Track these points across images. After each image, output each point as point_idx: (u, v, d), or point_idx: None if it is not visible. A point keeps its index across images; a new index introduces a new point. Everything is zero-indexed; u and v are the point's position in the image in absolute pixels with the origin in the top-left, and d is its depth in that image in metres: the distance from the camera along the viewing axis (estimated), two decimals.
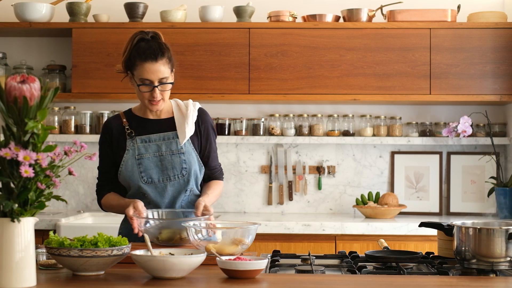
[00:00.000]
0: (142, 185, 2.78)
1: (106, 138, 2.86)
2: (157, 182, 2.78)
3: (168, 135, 2.81)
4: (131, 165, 2.79)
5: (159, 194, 2.78)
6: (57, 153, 1.87)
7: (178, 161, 2.78)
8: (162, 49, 2.71)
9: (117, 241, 2.08)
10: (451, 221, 2.41)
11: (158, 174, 2.78)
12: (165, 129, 2.82)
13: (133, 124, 2.84)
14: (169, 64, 2.73)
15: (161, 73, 2.70)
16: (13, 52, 4.53)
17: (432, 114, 4.50)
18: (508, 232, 2.13)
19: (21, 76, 1.83)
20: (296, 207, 4.50)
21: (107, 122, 2.89)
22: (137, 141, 2.80)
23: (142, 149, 2.79)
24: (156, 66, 2.69)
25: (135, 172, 2.78)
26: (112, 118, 2.90)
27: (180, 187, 2.79)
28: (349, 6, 4.30)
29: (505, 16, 4.22)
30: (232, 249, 2.23)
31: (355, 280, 2.09)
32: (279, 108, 4.51)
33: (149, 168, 2.78)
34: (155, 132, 2.82)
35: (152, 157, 2.79)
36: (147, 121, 2.85)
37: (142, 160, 2.78)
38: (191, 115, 2.82)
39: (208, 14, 4.21)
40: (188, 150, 2.80)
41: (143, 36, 2.73)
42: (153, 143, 2.80)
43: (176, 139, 2.80)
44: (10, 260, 1.80)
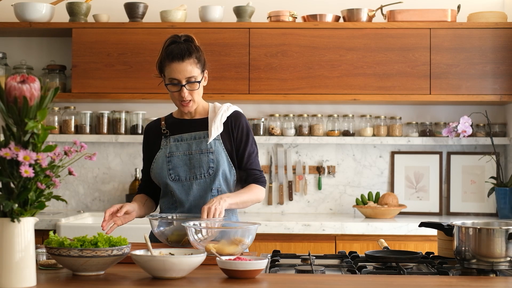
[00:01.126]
0: (170, 182, 2.82)
1: (145, 141, 2.95)
2: (184, 180, 2.81)
3: (200, 134, 2.84)
4: (161, 163, 2.84)
5: (185, 192, 2.80)
6: (57, 153, 1.87)
7: (205, 160, 2.80)
8: (190, 50, 2.77)
9: (117, 241, 2.08)
10: (451, 221, 2.41)
11: (186, 172, 2.81)
12: (197, 129, 2.86)
13: (169, 125, 2.91)
14: (198, 64, 2.79)
15: (188, 72, 2.75)
16: (13, 52, 4.53)
17: (432, 114, 4.50)
18: (508, 232, 2.13)
19: (21, 76, 1.83)
20: (296, 207, 4.50)
21: (147, 126, 2.99)
22: (170, 140, 2.86)
23: (174, 147, 2.84)
24: (183, 65, 2.75)
25: (164, 169, 2.82)
26: (152, 121, 2.99)
27: (206, 186, 2.80)
28: (349, 6, 4.30)
29: (505, 16, 4.22)
30: (232, 249, 2.23)
31: (355, 280, 2.09)
32: (279, 108, 4.51)
33: (178, 166, 2.82)
34: (188, 131, 2.86)
35: (182, 155, 2.83)
36: (181, 121, 2.90)
37: (172, 158, 2.83)
38: (220, 115, 2.84)
39: (208, 14, 4.21)
40: (218, 150, 2.82)
41: (175, 39, 2.82)
42: (185, 142, 2.84)
43: (207, 138, 2.82)
44: (10, 260, 1.80)
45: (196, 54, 2.79)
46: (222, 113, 2.86)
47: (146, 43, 4.18)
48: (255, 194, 2.83)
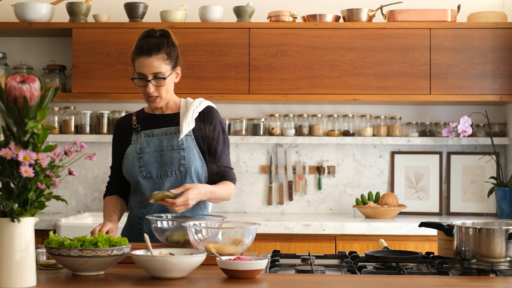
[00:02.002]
0: (141, 180, 2.77)
1: (116, 136, 2.91)
2: (155, 178, 2.77)
3: (171, 130, 2.81)
4: (132, 159, 2.80)
5: (156, 190, 2.75)
6: (57, 153, 1.87)
7: (177, 157, 2.76)
8: (160, 45, 2.73)
9: (117, 241, 2.07)
10: (451, 221, 2.41)
11: (157, 169, 2.77)
12: (169, 124, 2.82)
13: (141, 120, 2.87)
14: (167, 60, 2.75)
15: (154, 68, 2.71)
16: (13, 52, 4.53)
17: (432, 114, 4.50)
18: (508, 232, 2.13)
19: (21, 76, 1.83)
20: (296, 207, 4.50)
21: (118, 120, 2.96)
22: (141, 136, 2.82)
23: (145, 143, 2.80)
24: (150, 60, 2.71)
25: (135, 166, 2.79)
26: (123, 116, 2.96)
27: (177, 183, 2.75)
28: (349, 6, 4.30)
29: (505, 16, 4.22)
30: (232, 249, 2.23)
31: (355, 280, 2.09)
32: (279, 108, 4.51)
33: (149, 163, 2.78)
34: (159, 126, 2.82)
35: (153, 151, 2.79)
36: (153, 116, 2.86)
37: (143, 155, 2.79)
38: (192, 110, 2.81)
39: (208, 14, 4.21)
40: (190, 146, 2.78)
41: (150, 33, 2.78)
42: (156, 138, 2.80)
43: (178, 134, 2.78)
44: (10, 260, 1.80)
45: (167, 50, 2.75)
46: (194, 109, 2.81)
47: None
48: (228, 192, 2.80)
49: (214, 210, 4.49)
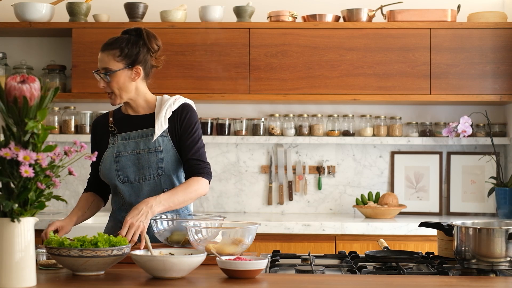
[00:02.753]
0: (118, 184, 2.74)
1: (93, 137, 2.87)
2: (133, 181, 2.73)
3: (147, 131, 2.75)
4: (109, 163, 2.75)
5: (135, 194, 2.73)
6: (57, 153, 1.87)
7: (154, 159, 2.71)
8: (117, 43, 2.72)
9: (117, 241, 2.08)
10: (451, 221, 2.41)
11: (135, 173, 2.73)
12: (144, 126, 2.77)
13: (117, 121, 2.82)
14: (119, 57, 2.70)
15: (104, 63, 2.71)
16: (13, 52, 4.53)
17: (432, 114, 4.50)
18: (508, 232, 2.13)
19: (21, 76, 1.83)
20: (296, 207, 4.50)
21: (94, 121, 2.91)
22: (118, 139, 2.77)
23: (121, 146, 2.75)
24: (101, 55, 2.72)
25: (112, 170, 2.75)
26: (100, 116, 2.91)
27: (156, 187, 2.72)
28: (349, 6, 4.30)
29: (505, 16, 4.22)
30: (232, 249, 2.23)
31: (355, 280, 2.09)
32: (279, 108, 4.51)
33: (126, 167, 2.74)
34: (134, 128, 2.77)
35: (130, 155, 2.74)
36: (128, 117, 2.81)
37: (120, 158, 2.74)
38: (164, 110, 2.73)
39: (208, 14, 4.21)
40: (167, 147, 2.72)
41: (126, 30, 2.79)
42: (132, 140, 2.75)
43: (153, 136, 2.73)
44: (10, 260, 1.80)
45: (122, 46, 2.71)
46: (167, 108, 2.74)
47: None
48: (194, 192, 2.64)
49: (214, 210, 4.49)
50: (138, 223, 2.47)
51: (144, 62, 2.76)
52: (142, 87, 2.78)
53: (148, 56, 2.78)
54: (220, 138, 4.38)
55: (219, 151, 4.51)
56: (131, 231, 2.46)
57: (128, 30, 2.79)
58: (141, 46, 2.75)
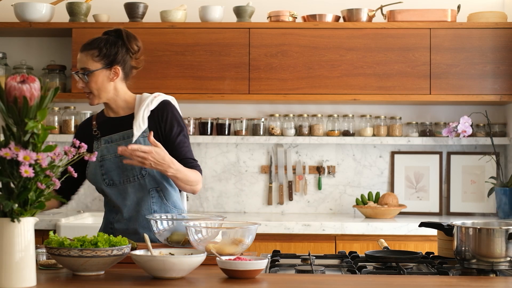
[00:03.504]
0: (105, 187, 2.74)
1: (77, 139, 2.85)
2: (118, 184, 2.73)
3: (128, 133, 2.74)
4: (94, 168, 2.75)
5: (121, 197, 2.74)
6: (57, 153, 1.87)
7: None
8: (95, 43, 2.73)
9: (117, 241, 2.07)
10: (451, 221, 2.41)
11: (119, 176, 2.72)
12: (125, 127, 2.76)
13: (100, 125, 2.82)
14: (98, 57, 2.71)
15: (82, 63, 2.71)
16: (13, 52, 4.53)
17: (432, 114, 4.50)
18: (508, 232, 2.13)
19: (21, 76, 1.83)
20: (296, 207, 4.50)
21: (79, 126, 2.92)
22: (101, 142, 2.78)
23: (105, 150, 2.74)
24: (80, 55, 2.73)
25: (97, 175, 2.75)
26: (84, 121, 2.91)
27: (141, 188, 2.72)
28: (349, 6, 4.30)
29: (505, 16, 4.22)
30: (232, 249, 2.23)
31: (355, 280, 2.09)
32: (279, 108, 4.51)
33: (111, 170, 2.73)
34: (116, 131, 2.76)
35: (114, 158, 2.73)
36: (109, 120, 2.81)
37: (104, 162, 2.74)
38: (142, 111, 2.72)
39: (208, 14, 4.21)
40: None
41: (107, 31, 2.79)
42: (115, 143, 2.75)
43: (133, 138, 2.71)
44: (10, 260, 1.80)
45: (101, 46, 2.72)
46: (145, 108, 2.72)
47: (146, 43, 4.15)
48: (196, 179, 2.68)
49: (214, 210, 4.49)
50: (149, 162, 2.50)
51: (123, 63, 2.75)
52: (121, 88, 2.77)
53: (128, 57, 2.77)
54: (220, 138, 4.38)
55: (219, 151, 4.51)
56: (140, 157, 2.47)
57: (108, 31, 2.79)
58: (120, 46, 2.75)
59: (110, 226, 2.79)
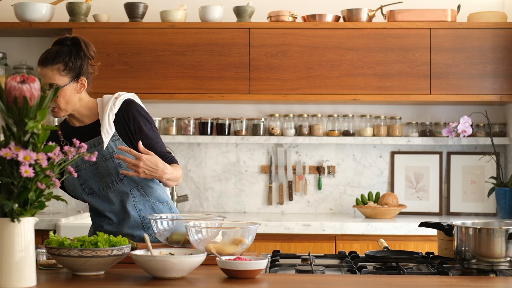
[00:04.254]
0: (86, 197, 2.74)
1: None
2: (98, 191, 2.72)
3: (97, 140, 2.71)
4: (71, 179, 2.73)
5: (105, 203, 2.73)
6: (57, 153, 1.87)
7: (112, 165, 2.69)
8: (57, 56, 2.66)
9: (117, 241, 2.07)
10: (451, 221, 2.41)
11: (97, 183, 2.72)
12: (92, 135, 2.73)
13: (67, 135, 2.79)
14: (64, 71, 2.65)
15: (48, 78, 2.63)
16: (13, 52, 4.53)
17: (432, 114, 4.50)
18: (508, 232, 2.13)
19: (21, 76, 1.83)
20: (296, 207, 4.50)
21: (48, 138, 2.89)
22: None
23: (79, 160, 2.68)
24: (43, 71, 2.65)
25: (76, 186, 2.74)
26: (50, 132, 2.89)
27: (122, 191, 2.72)
28: (349, 6, 4.30)
29: (505, 16, 4.22)
30: (232, 249, 2.23)
31: (355, 280, 2.09)
32: (279, 108, 4.51)
33: (88, 179, 2.72)
34: (84, 140, 2.69)
35: (89, 166, 2.72)
36: (75, 129, 2.78)
37: (80, 172, 2.72)
38: (106, 116, 2.69)
39: (208, 14, 4.21)
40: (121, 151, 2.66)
41: (60, 40, 2.72)
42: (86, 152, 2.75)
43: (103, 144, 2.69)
44: (10, 260, 1.80)
45: (66, 60, 2.66)
46: (109, 113, 2.69)
47: (146, 43, 4.18)
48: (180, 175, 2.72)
49: (214, 210, 4.49)
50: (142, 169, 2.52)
51: (87, 73, 2.72)
52: (84, 96, 2.74)
53: (89, 66, 2.74)
54: (220, 138, 4.38)
55: (219, 151, 4.51)
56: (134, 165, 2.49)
57: (61, 40, 2.71)
58: (82, 57, 2.71)
59: (99, 229, 2.78)
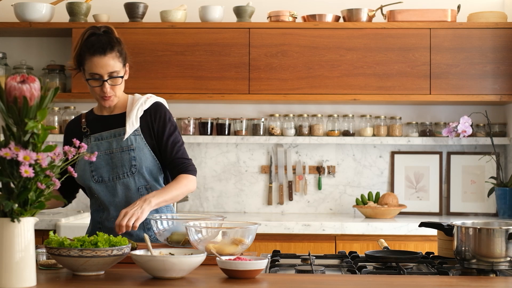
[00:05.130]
0: (93, 184, 2.74)
1: (65, 140, 2.85)
2: (107, 181, 2.73)
3: (119, 131, 2.75)
4: (83, 165, 2.75)
5: (110, 194, 2.74)
6: (57, 153, 1.87)
7: (127, 158, 2.71)
8: (112, 43, 2.67)
9: (117, 241, 2.07)
10: (451, 221, 2.41)
11: (108, 173, 2.73)
12: (116, 125, 2.76)
13: (90, 122, 2.82)
14: (120, 58, 2.68)
15: (111, 67, 2.65)
16: (13, 52, 4.53)
17: (432, 114, 4.50)
18: (508, 232, 2.13)
19: (21, 76, 1.83)
20: (296, 207, 4.50)
21: (67, 125, 2.90)
22: (91, 140, 2.77)
23: (95, 147, 2.74)
24: (105, 60, 2.65)
25: (86, 171, 2.74)
26: (73, 120, 2.90)
27: (130, 185, 2.73)
28: (349, 6, 4.30)
29: (505, 16, 4.22)
30: (232, 249, 2.23)
31: (355, 280, 2.09)
32: (279, 108, 4.51)
33: (100, 167, 2.73)
34: (107, 129, 2.76)
35: (103, 155, 2.73)
36: (101, 118, 2.81)
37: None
38: (136, 110, 2.73)
39: (208, 14, 4.21)
40: (140, 146, 2.72)
41: (94, 30, 2.70)
42: (105, 141, 2.75)
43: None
44: (10, 260, 1.80)
45: (118, 48, 2.68)
46: (138, 107, 2.73)
47: (146, 43, 4.18)
48: (185, 186, 2.69)
49: (214, 210, 4.50)
50: (133, 211, 2.51)
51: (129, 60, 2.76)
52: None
53: None
54: (220, 138, 4.38)
55: (219, 151, 4.51)
56: (125, 218, 2.48)
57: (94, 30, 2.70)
58: (123, 44, 2.73)
59: (98, 226, 2.78)
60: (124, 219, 2.49)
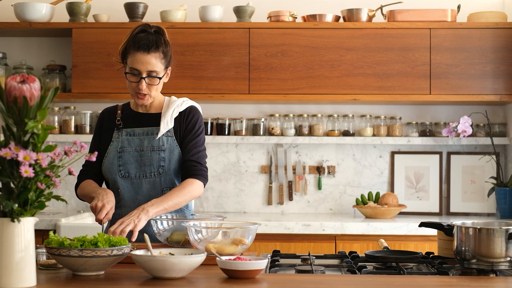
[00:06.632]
0: (119, 179, 2.74)
1: (99, 125, 2.87)
2: (134, 178, 2.74)
3: (152, 130, 2.77)
4: (112, 157, 2.76)
5: (134, 190, 2.74)
6: (57, 153, 1.87)
7: (156, 158, 2.73)
8: (158, 43, 2.68)
9: (117, 241, 2.08)
10: (451, 221, 2.41)
11: (136, 170, 2.74)
12: (150, 124, 2.79)
13: (124, 116, 2.83)
14: (163, 60, 2.70)
15: (151, 65, 2.67)
16: (13, 52, 4.53)
17: (432, 114, 4.50)
18: (508, 232, 2.13)
19: (21, 76, 1.83)
20: (296, 207, 4.50)
21: (103, 111, 2.90)
22: (122, 134, 2.79)
23: (126, 142, 2.76)
24: (147, 57, 2.66)
25: (114, 165, 2.75)
26: (109, 107, 2.90)
27: (155, 185, 2.74)
28: (349, 6, 4.30)
29: (505, 16, 4.22)
30: (232, 249, 2.23)
31: (355, 280, 2.09)
32: (279, 108, 4.51)
33: (128, 163, 2.74)
34: (141, 126, 2.78)
35: (133, 151, 2.75)
36: (136, 114, 2.83)
37: (123, 154, 2.75)
38: (171, 110, 2.76)
39: (208, 14, 4.21)
40: (171, 147, 2.74)
41: (145, 28, 2.72)
42: (137, 137, 2.77)
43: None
44: (10, 260, 1.80)
45: (164, 49, 2.70)
46: (174, 108, 2.76)
47: None
48: (188, 193, 2.66)
49: (214, 210, 4.50)
50: (129, 221, 2.50)
51: (172, 63, 2.79)
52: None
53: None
54: (220, 138, 4.38)
55: (219, 151, 4.51)
56: (121, 226, 2.47)
57: (145, 29, 2.72)
58: (170, 47, 2.75)
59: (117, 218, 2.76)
60: (120, 227, 2.48)
